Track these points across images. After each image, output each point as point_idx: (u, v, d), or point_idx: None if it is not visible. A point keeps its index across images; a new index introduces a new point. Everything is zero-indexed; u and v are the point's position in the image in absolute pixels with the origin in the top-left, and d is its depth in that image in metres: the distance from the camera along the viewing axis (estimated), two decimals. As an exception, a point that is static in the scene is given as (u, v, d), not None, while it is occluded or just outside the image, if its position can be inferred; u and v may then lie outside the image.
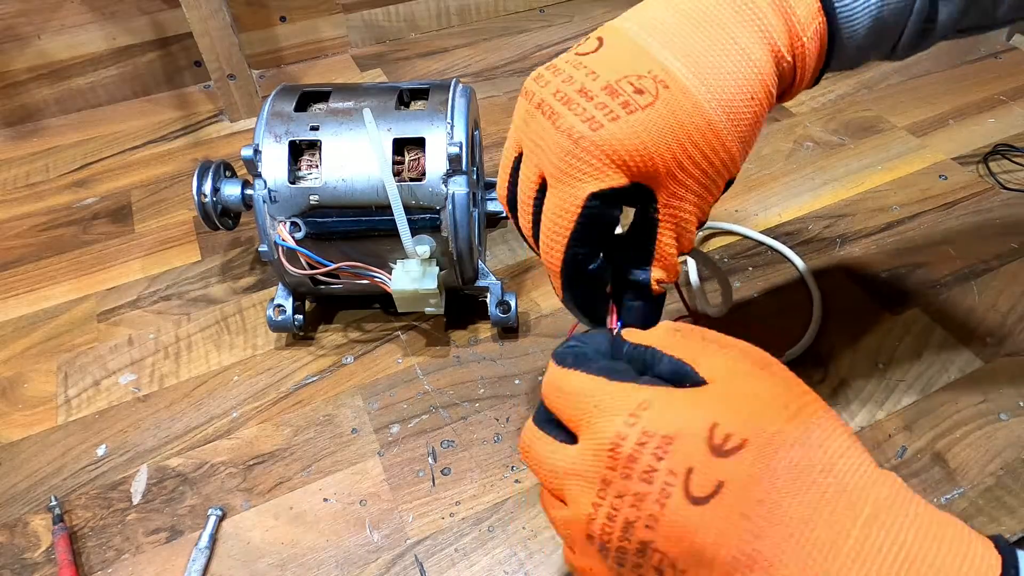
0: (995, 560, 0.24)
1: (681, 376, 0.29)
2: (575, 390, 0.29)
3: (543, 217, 0.34)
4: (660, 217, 0.33)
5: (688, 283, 0.62)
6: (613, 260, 0.35)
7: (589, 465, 0.27)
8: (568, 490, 0.29)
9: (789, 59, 0.33)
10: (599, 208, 0.32)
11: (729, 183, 0.35)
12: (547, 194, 0.33)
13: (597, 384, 0.29)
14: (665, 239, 0.34)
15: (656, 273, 0.35)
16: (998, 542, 0.25)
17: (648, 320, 0.36)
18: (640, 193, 0.33)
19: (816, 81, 0.36)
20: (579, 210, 0.32)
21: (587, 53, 0.33)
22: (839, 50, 0.35)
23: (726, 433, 0.25)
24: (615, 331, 0.35)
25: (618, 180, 0.31)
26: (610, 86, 0.31)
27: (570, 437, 0.30)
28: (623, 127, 0.31)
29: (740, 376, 0.28)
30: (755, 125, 0.33)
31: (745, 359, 0.29)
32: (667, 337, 0.31)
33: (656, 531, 0.25)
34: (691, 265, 0.56)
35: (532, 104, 0.34)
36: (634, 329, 0.33)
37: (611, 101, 0.31)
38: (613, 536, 0.27)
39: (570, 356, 0.31)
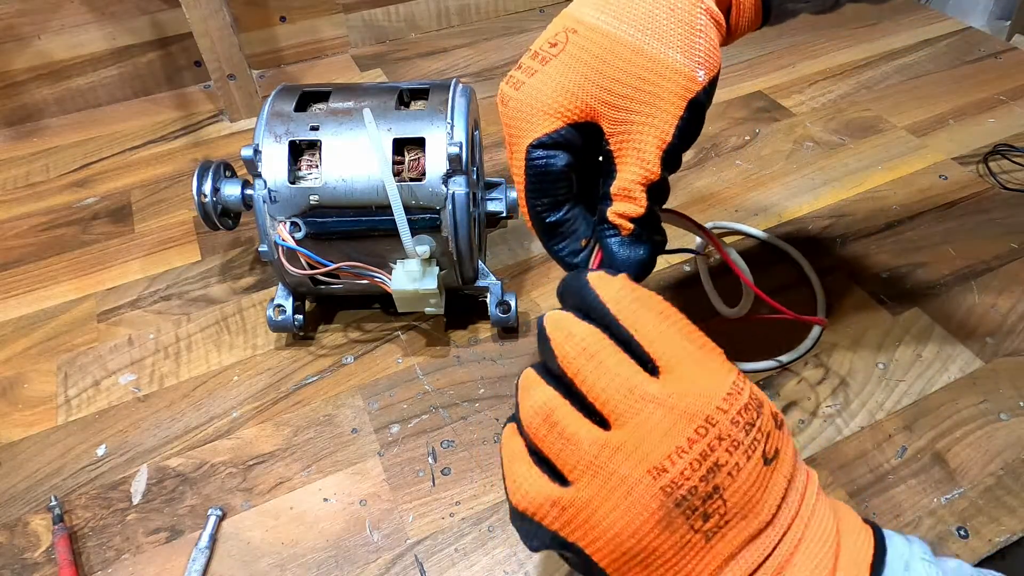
0: (870, 542, 0.29)
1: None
2: (685, 329, 0.31)
3: None
4: (612, 148, 0.34)
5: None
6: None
7: (696, 401, 0.28)
8: (640, 418, 0.28)
9: None
10: (541, 157, 0.34)
11: (696, 105, 0.33)
12: None
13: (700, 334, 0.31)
14: (623, 170, 0.34)
15: (617, 206, 0.34)
16: (875, 529, 0.30)
17: (624, 260, 0.35)
18: (589, 132, 0.34)
19: (762, 23, 0.38)
20: (523, 164, 0.35)
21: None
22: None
23: (774, 411, 0.30)
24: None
25: (549, 126, 0.34)
26: (533, 51, 0.35)
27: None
28: (539, 77, 0.34)
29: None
30: (691, 34, 0.33)
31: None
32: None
33: (735, 479, 0.27)
34: (700, 265, 0.56)
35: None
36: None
37: (531, 61, 0.35)
38: (694, 475, 0.27)
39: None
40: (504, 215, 0.69)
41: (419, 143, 0.52)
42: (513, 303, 0.57)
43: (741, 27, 0.37)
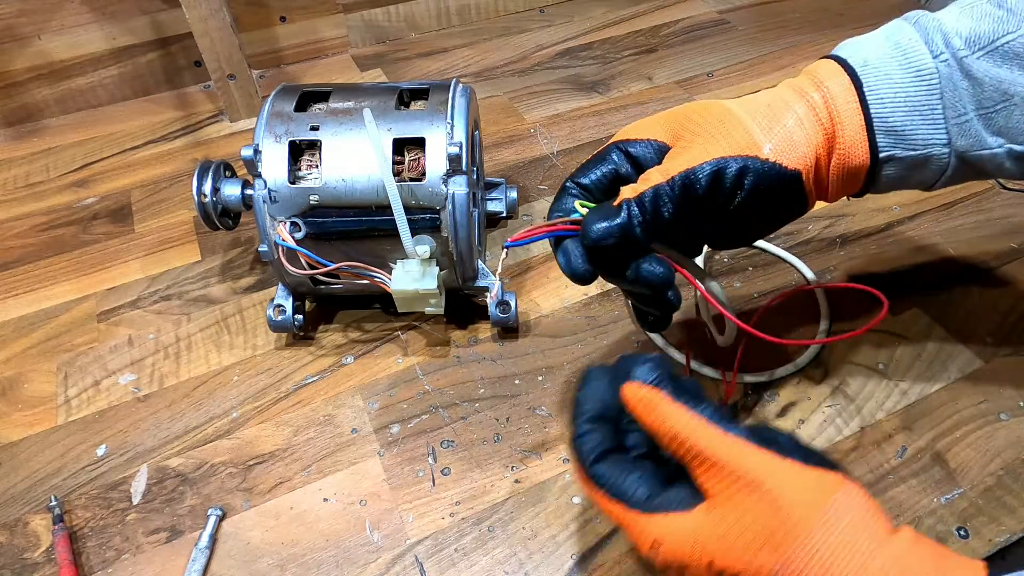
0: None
1: (691, 474, 0.32)
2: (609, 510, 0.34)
3: None
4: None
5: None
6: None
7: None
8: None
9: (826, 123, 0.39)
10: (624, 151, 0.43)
11: (743, 166, 0.38)
12: None
13: (625, 514, 0.33)
14: (659, 166, 0.39)
15: (630, 186, 0.39)
16: (990, 566, 0.28)
17: (595, 216, 0.39)
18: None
19: (861, 192, 0.42)
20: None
21: None
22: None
23: (719, 569, 0.30)
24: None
25: (643, 134, 0.42)
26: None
27: None
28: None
29: (740, 498, 0.30)
30: (774, 121, 0.38)
31: (750, 475, 0.31)
32: (698, 422, 0.33)
33: None
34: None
35: None
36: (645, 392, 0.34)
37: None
38: None
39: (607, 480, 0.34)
40: (504, 215, 0.69)
41: (419, 143, 0.52)
42: (513, 303, 0.57)
43: (841, 167, 0.40)
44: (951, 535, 0.45)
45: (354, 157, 0.52)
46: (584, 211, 0.40)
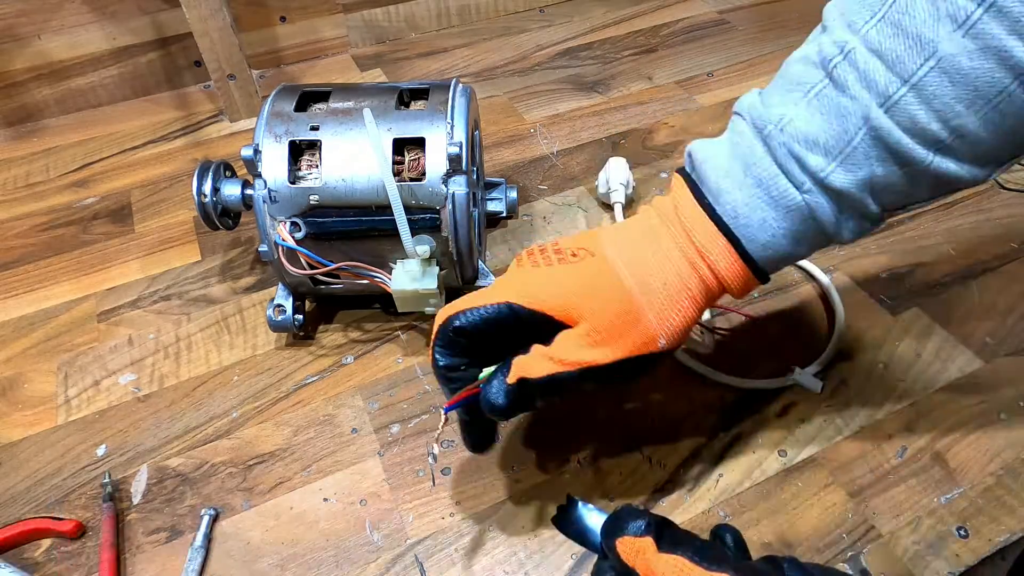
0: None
1: None
2: None
3: None
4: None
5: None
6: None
7: None
8: None
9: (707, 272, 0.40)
10: (484, 314, 0.41)
11: (642, 359, 0.39)
12: None
13: None
14: (553, 343, 0.40)
15: (524, 358, 0.40)
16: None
17: (488, 393, 0.40)
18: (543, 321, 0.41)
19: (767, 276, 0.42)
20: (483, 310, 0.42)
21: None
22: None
23: None
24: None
25: (526, 303, 0.40)
26: (560, 248, 0.42)
27: None
28: (547, 271, 0.41)
29: None
30: (671, 309, 0.39)
31: None
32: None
33: None
34: None
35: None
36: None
37: (553, 255, 0.42)
38: None
39: None
40: (504, 215, 0.69)
41: (419, 143, 0.52)
42: (513, 303, 0.57)
43: (738, 290, 0.41)
44: (951, 535, 0.45)
45: (354, 157, 0.52)
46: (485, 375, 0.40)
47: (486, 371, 0.40)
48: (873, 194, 0.37)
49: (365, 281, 0.54)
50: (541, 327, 0.40)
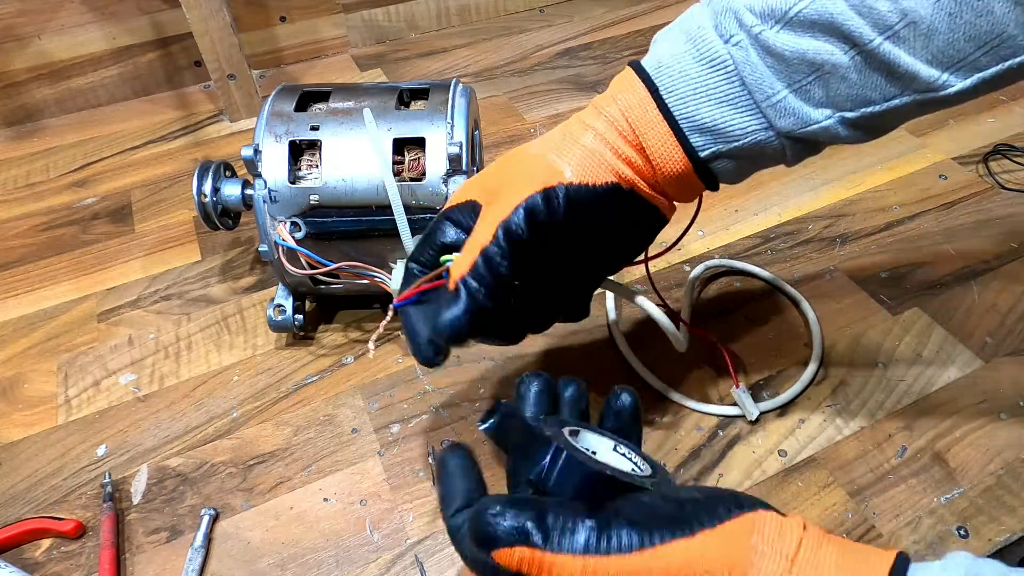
0: (890, 557, 0.29)
1: None
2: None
3: None
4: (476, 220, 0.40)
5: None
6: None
7: None
8: None
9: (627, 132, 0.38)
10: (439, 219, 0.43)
11: (552, 194, 0.37)
12: None
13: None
14: (472, 233, 0.40)
15: (453, 257, 0.40)
16: (898, 557, 0.29)
17: (439, 318, 0.38)
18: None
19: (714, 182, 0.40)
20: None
21: None
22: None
23: None
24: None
25: (457, 200, 0.42)
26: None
27: None
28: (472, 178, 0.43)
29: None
30: (571, 143, 0.38)
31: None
32: None
33: None
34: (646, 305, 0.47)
35: None
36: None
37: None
38: None
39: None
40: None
41: (419, 143, 0.52)
42: (513, 303, 0.57)
43: (665, 173, 0.39)
44: (951, 535, 0.45)
45: (354, 157, 0.52)
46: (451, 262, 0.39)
47: (444, 258, 0.40)
48: (818, 75, 0.35)
49: (365, 281, 0.54)
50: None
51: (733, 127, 0.37)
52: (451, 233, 0.41)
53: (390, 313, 0.41)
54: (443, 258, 0.40)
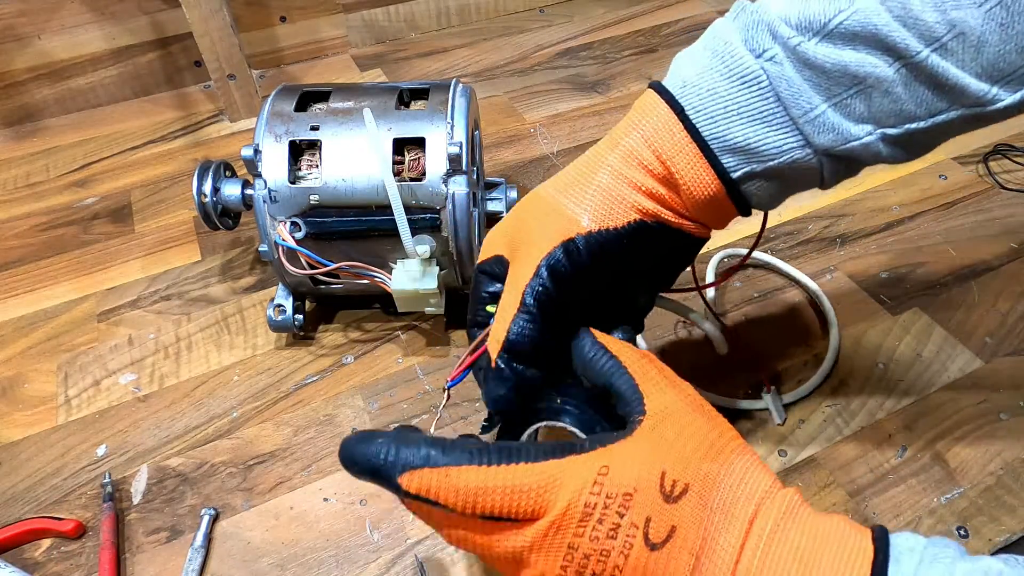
0: (869, 549, 0.28)
1: (630, 400, 0.33)
2: (526, 481, 0.29)
3: None
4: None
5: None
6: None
7: (555, 538, 0.29)
8: (532, 563, 0.29)
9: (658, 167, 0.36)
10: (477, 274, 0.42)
11: (571, 246, 0.36)
12: None
13: (550, 466, 0.30)
14: (502, 300, 0.38)
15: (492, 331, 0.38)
16: (875, 532, 0.29)
17: (486, 393, 0.38)
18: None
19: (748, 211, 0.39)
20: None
21: None
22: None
23: (673, 480, 0.29)
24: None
25: (488, 254, 0.40)
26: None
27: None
28: (497, 226, 0.41)
29: (680, 415, 0.32)
30: (588, 189, 0.37)
31: (685, 399, 0.33)
32: (634, 356, 0.35)
33: None
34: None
35: None
36: (601, 332, 0.37)
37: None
38: None
39: (492, 453, 0.30)
40: (504, 215, 0.69)
41: (419, 143, 0.52)
42: (513, 303, 0.57)
43: (695, 198, 0.37)
44: (951, 535, 0.45)
45: (354, 157, 0.52)
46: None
47: (489, 308, 0.40)
48: (860, 88, 0.33)
49: (365, 281, 0.54)
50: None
51: (767, 145, 0.35)
52: (490, 286, 0.40)
53: (445, 396, 0.41)
54: (488, 308, 0.39)
